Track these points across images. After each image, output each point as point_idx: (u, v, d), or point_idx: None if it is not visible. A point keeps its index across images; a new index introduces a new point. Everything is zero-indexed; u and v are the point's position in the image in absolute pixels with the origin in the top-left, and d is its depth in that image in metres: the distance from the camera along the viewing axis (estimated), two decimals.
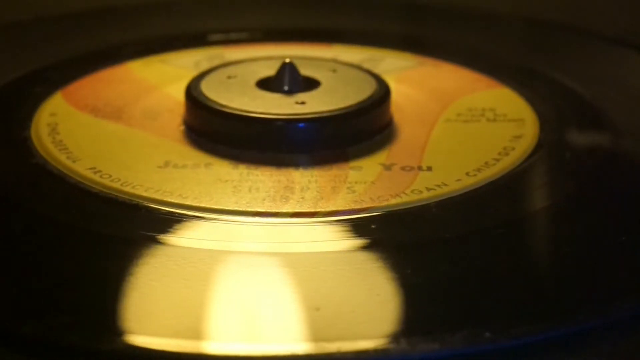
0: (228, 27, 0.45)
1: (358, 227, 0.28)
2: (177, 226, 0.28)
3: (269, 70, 0.35)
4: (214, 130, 0.33)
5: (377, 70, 0.38)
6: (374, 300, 0.25)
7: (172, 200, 0.29)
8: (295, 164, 0.32)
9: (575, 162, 0.33)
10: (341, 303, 0.25)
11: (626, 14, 0.47)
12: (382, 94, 0.35)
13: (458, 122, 0.35)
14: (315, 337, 0.23)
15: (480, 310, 0.25)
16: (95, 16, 0.47)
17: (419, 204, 0.30)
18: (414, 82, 0.39)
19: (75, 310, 0.24)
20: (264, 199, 0.30)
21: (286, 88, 0.34)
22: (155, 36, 0.44)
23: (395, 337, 0.23)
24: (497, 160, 0.32)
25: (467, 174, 0.31)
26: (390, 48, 0.42)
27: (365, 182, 0.31)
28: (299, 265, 0.27)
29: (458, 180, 0.31)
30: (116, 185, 0.30)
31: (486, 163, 0.32)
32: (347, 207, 0.29)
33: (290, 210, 0.29)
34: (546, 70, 0.40)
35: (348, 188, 0.30)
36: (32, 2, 0.47)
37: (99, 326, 0.24)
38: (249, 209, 0.29)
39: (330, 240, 0.28)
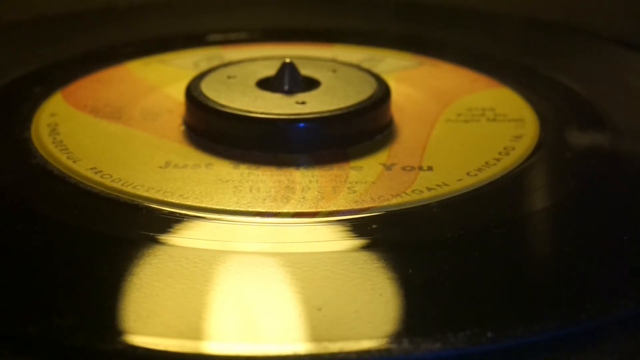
0: (227, 27, 0.45)
1: (359, 227, 0.28)
2: (178, 226, 0.28)
3: (269, 70, 0.35)
4: (215, 131, 0.33)
5: (377, 70, 0.38)
6: (376, 300, 0.25)
7: (173, 201, 0.29)
8: (296, 164, 0.32)
9: (575, 162, 0.33)
10: (343, 303, 0.25)
11: (626, 14, 0.47)
12: (382, 94, 0.35)
13: (458, 122, 0.35)
14: (318, 337, 0.23)
15: (482, 310, 0.25)
16: (95, 16, 0.47)
17: (419, 203, 0.30)
18: (414, 82, 0.39)
19: (76, 311, 0.24)
20: (264, 199, 0.30)
21: (286, 88, 0.34)
22: (155, 36, 0.44)
23: (398, 337, 0.23)
24: (498, 160, 0.32)
25: (467, 173, 0.31)
26: (390, 48, 0.42)
27: (366, 182, 0.31)
28: (300, 265, 0.26)
29: (459, 180, 0.31)
30: (117, 185, 0.30)
31: (487, 163, 0.32)
32: (348, 207, 0.29)
33: (291, 210, 0.29)
34: (546, 70, 0.40)
35: (349, 188, 0.30)
36: (32, 2, 0.47)
37: (101, 327, 0.24)
38: (250, 209, 0.29)
39: (332, 240, 0.28)
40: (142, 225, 0.28)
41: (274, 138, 0.33)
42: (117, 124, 0.35)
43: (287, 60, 0.35)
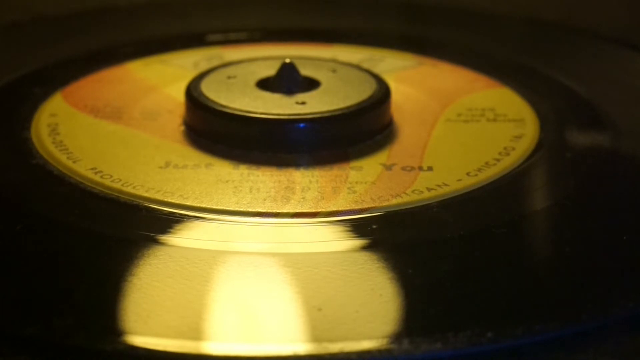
0: (227, 27, 0.45)
1: (359, 227, 0.28)
2: (178, 226, 0.28)
3: (269, 70, 0.35)
4: (215, 131, 0.33)
5: (376, 70, 0.38)
6: (376, 301, 0.25)
7: (173, 201, 0.29)
8: (296, 164, 0.32)
9: (575, 162, 0.33)
10: (343, 303, 0.25)
11: (626, 13, 0.47)
12: (382, 94, 0.35)
13: (458, 122, 0.35)
14: (318, 338, 0.23)
15: (482, 310, 0.25)
16: (95, 16, 0.47)
17: (419, 204, 0.30)
18: (414, 82, 0.39)
19: (76, 312, 0.24)
20: (264, 200, 0.30)
21: (286, 88, 0.34)
22: (155, 36, 0.44)
23: (398, 337, 0.23)
24: (498, 160, 0.32)
25: (467, 174, 0.31)
26: (390, 48, 0.42)
27: (365, 182, 0.31)
28: (300, 266, 0.26)
29: (459, 180, 0.31)
30: (117, 185, 0.30)
31: (487, 163, 0.32)
32: (348, 208, 0.29)
33: (291, 210, 0.29)
34: (546, 70, 0.40)
35: (349, 188, 0.30)
36: (31, 2, 0.47)
37: (101, 327, 0.24)
38: (250, 210, 0.29)
39: (332, 240, 0.28)
40: (142, 225, 0.28)
41: (274, 138, 0.33)
42: (117, 124, 0.35)
43: (287, 60, 0.35)
